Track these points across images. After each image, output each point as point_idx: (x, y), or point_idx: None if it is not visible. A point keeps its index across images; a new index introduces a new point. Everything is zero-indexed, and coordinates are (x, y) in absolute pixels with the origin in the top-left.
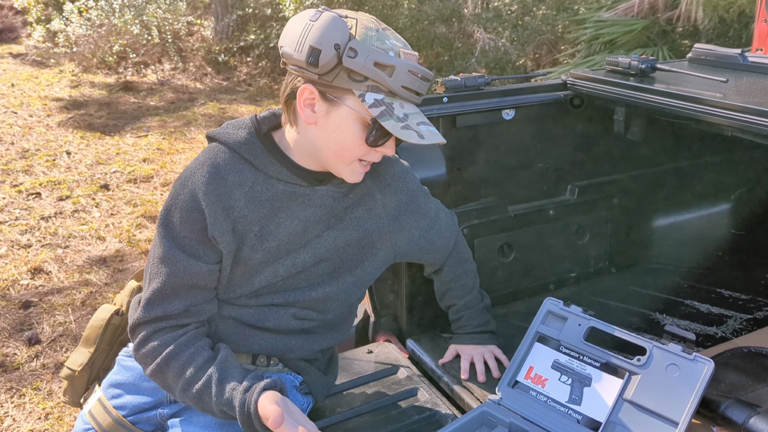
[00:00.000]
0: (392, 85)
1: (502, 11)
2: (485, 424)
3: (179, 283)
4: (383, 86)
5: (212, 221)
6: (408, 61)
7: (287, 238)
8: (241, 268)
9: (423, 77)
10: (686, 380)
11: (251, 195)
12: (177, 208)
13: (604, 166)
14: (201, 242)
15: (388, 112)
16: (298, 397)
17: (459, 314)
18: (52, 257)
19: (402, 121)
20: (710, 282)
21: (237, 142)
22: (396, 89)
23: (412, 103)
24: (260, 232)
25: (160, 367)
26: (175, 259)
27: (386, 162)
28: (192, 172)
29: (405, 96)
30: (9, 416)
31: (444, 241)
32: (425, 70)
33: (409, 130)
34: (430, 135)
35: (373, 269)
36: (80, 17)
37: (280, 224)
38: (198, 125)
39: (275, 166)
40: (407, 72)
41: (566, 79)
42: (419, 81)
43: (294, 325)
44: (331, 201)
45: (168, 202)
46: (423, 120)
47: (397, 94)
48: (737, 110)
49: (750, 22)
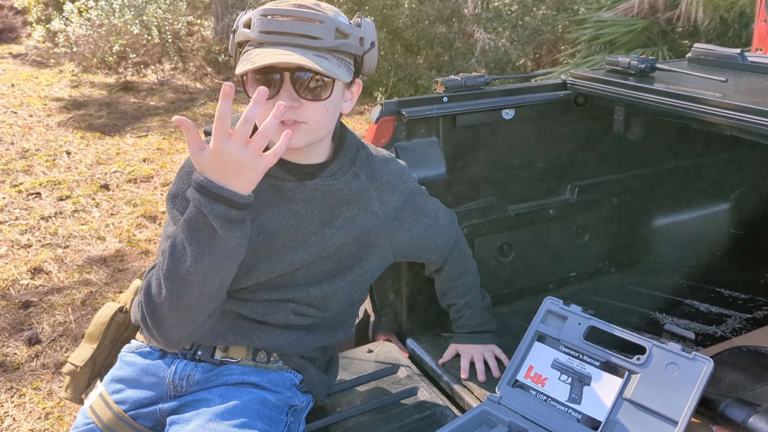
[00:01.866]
0: (251, 34)
1: (502, 11)
2: (485, 423)
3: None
4: (251, 40)
5: None
6: (262, 8)
7: (282, 232)
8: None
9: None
10: (686, 379)
11: None
12: (182, 193)
13: (604, 166)
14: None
15: (244, 59)
16: (298, 395)
17: (459, 313)
18: (52, 257)
19: (247, 60)
20: (710, 281)
21: None
22: (255, 36)
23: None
24: (252, 224)
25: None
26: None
27: (382, 161)
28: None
29: (270, 40)
30: (9, 416)
31: (444, 239)
32: (284, 8)
33: (245, 63)
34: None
35: (372, 268)
36: (80, 17)
37: (273, 218)
38: (198, 125)
39: None
40: (259, 17)
41: (566, 78)
42: (278, 21)
43: (294, 320)
44: (321, 195)
45: (173, 188)
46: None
47: (261, 42)
48: (737, 110)
49: (749, 22)
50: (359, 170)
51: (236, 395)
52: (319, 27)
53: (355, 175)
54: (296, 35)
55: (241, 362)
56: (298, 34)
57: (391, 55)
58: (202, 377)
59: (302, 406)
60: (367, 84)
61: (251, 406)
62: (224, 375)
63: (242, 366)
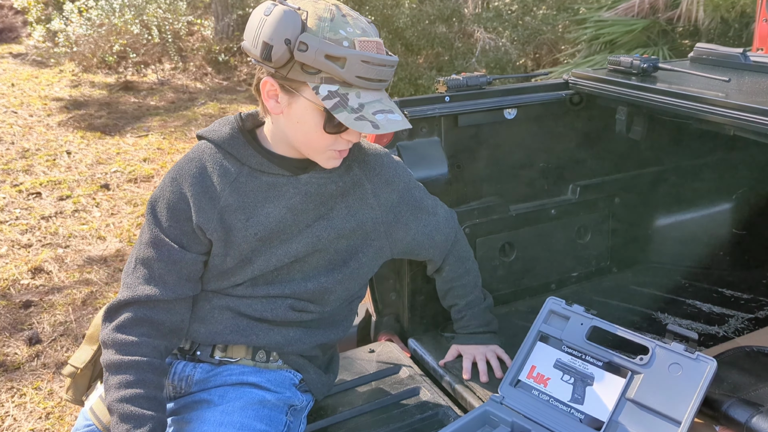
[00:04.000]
0: (345, 76)
1: (502, 11)
2: (487, 423)
3: (165, 268)
4: (337, 77)
5: (197, 210)
6: (361, 52)
7: (277, 227)
8: (234, 255)
9: (380, 64)
10: (689, 379)
11: (235, 186)
12: (164, 199)
13: (605, 166)
14: (185, 232)
15: (341, 104)
16: (297, 394)
17: (461, 314)
18: (53, 257)
19: (356, 112)
20: (712, 281)
21: (221, 138)
22: (349, 79)
23: (373, 90)
24: (248, 222)
25: (118, 365)
26: (161, 243)
27: (374, 153)
28: (180, 167)
29: (361, 85)
30: (10, 416)
31: (443, 237)
32: (383, 57)
33: (363, 121)
34: (387, 124)
35: (369, 261)
36: (80, 17)
37: (268, 214)
38: (198, 125)
39: (257, 158)
40: (360, 62)
41: (568, 78)
42: (376, 68)
43: (292, 316)
44: (315, 188)
45: (156, 193)
46: (383, 107)
47: (352, 84)
48: (740, 109)
49: (750, 21)
50: (352, 162)
51: (236, 396)
52: (392, 71)
53: (348, 167)
54: (380, 82)
55: (240, 362)
56: (382, 80)
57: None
58: (201, 378)
59: (302, 405)
60: None
61: (251, 406)
62: (223, 375)
63: (241, 366)
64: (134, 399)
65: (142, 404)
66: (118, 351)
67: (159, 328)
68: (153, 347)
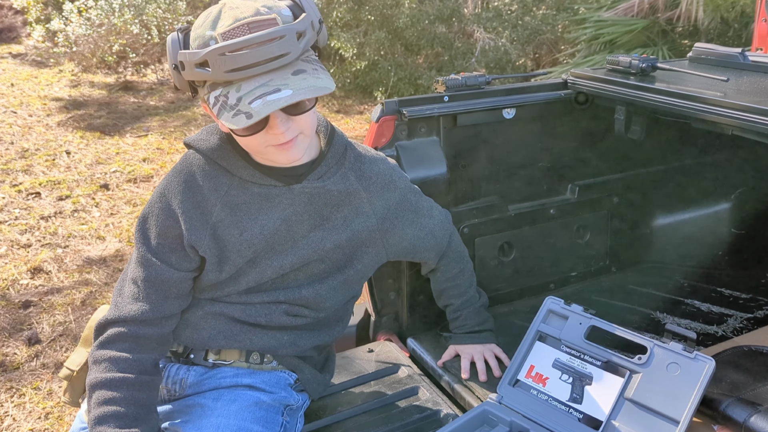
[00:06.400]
0: (215, 77)
1: (502, 11)
2: (486, 422)
3: (152, 288)
4: (214, 81)
5: (188, 228)
6: (218, 45)
7: (272, 239)
8: (228, 269)
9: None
10: (687, 379)
11: (227, 200)
12: (153, 216)
13: (604, 165)
14: (173, 250)
15: (223, 106)
16: (293, 394)
17: (457, 313)
18: (52, 257)
19: (233, 108)
20: (711, 281)
21: (210, 148)
22: (222, 78)
23: (261, 75)
24: (242, 236)
25: (104, 382)
26: (148, 263)
27: (371, 161)
28: (169, 181)
29: (240, 77)
30: (9, 416)
31: (438, 239)
32: (245, 38)
33: (239, 115)
34: (263, 107)
35: (365, 268)
36: (80, 17)
37: (263, 227)
38: (198, 125)
39: (248, 169)
40: (218, 57)
41: (567, 78)
42: (245, 54)
43: (286, 321)
44: (309, 198)
45: (145, 210)
46: (265, 90)
47: (232, 80)
48: (739, 109)
49: (750, 21)
50: (348, 171)
51: (231, 398)
52: (281, 43)
53: (343, 176)
54: (264, 62)
55: (234, 364)
56: (265, 60)
57: (391, 54)
58: (195, 380)
59: (298, 404)
60: (367, 84)
61: (246, 408)
62: (217, 378)
63: (235, 368)
64: (112, 418)
65: (119, 423)
66: (99, 368)
67: (145, 343)
68: (137, 361)
